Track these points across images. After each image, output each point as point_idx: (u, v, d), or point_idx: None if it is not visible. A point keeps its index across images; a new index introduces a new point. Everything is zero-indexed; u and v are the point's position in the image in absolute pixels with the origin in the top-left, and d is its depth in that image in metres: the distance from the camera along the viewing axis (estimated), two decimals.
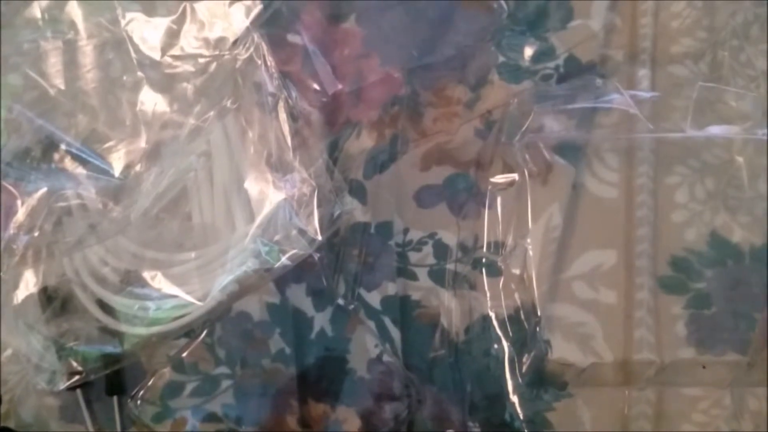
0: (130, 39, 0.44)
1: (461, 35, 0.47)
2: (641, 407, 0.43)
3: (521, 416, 0.42)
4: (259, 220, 0.41)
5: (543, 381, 0.43)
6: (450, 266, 0.45)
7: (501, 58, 0.47)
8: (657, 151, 0.45)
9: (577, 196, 0.45)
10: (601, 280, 0.44)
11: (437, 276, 0.45)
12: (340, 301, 0.44)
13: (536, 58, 0.47)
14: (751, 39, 0.47)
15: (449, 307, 0.45)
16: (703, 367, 0.42)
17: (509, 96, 0.46)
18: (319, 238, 0.41)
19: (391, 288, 0.45)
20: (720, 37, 0.47)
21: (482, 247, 0.45)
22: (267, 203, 0.41)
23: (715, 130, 0.43)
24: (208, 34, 0.43)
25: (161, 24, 0.44)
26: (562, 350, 0.43)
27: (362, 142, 0.47)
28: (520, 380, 0.43)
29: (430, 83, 0.47)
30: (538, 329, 0.43)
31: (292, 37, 0.47)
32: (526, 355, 0.43)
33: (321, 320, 0.45)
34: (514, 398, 0.43)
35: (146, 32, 0.44)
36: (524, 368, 0.43)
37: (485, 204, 0.45)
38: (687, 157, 0.45)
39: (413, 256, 0.46)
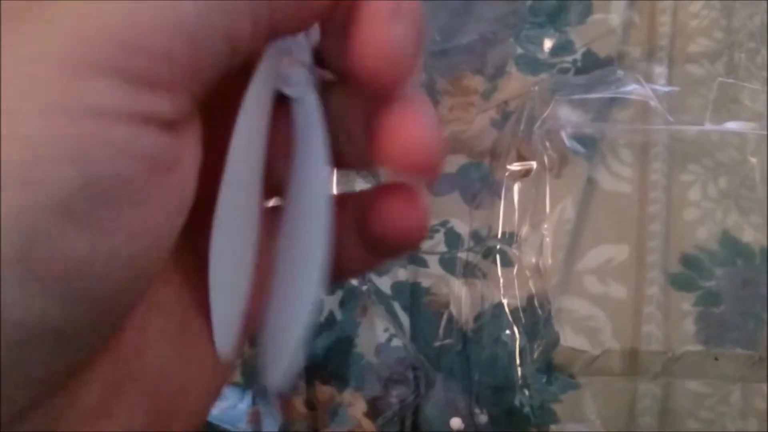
0: None
1: (482, 23, 0.48)
2: (647, 402, 0.43)
3: (530, 403, 0.42)
4: (272, 201, 0.41)
5: (553, 369, 0.43)
6: (462, 255, 0.45)
7: (519, 50, 0.48)
8: (671, 148, 0.46)
9: (591, 190, 0.45)
10: (611, 274, 0.44)
11: (448, 264, 0.45)
12: (353, 282, 0.44)
13: (554, 51, 0.47)
14: (767, 41, 0.47)
15: (459, 295, 0.45)
16: (716, 359, 0.42)
17: (526, 87, 0.46)
18: None
19: (402, 274, 0.45)
20: (737, 39, 0.47)
21: (496, 236, 0.45)
22: None
23: (733, 125, 0.43)
24: None
25: None
26: (571, 343, 0.43)
27: None
28: (530, 367, 0.43)
29: (448, 72, 0.47)
30: (552, 314, 0.43)
31: None
32: (537, 342, 0.43)
33: (330, 303, 0.45)
34: (524, 385, 0.43)
35: None
36: (535, 355, 0.43)
37: (499, 194, 0.45)
38: (701, 155, 0.45)
39: (425, 244, 0.46)
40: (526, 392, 0.43)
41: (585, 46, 0.47)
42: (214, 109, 0.18)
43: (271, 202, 0.22)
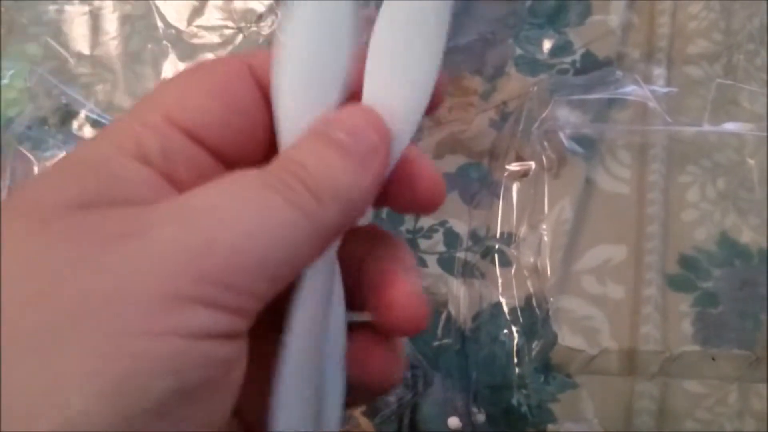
0: (157, 8, 0.44)
1: (481, 23, 0.48)
2: (645, 403, 0.43)
3: (528, 402, 0.42)
4: None
5: (550, 368, 0.43)
6: (460, 254, 0.45)
7: (518, 51, 0.48)
8: (670, 150, 0.46)
9: (589, 190, 0.45)
10: (609, 274, 0.44)
11: (446, 264, 0.45)
12: None
13: (553, 52, 0.48)
14: (766, 43, 0.47)
15: (457, 295, 0.45)
16: (713, 359, 0.42)
17: (525, 88, 0.47)
18: None
19: None
20: (736, 40, 0.47)
21: (494, 236, 0.45)
22: None
23: (731, 126, 0.44)
24: (235, 5, 0.43)
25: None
26: (569, 343, 0.43)
27: None
28: (528, 367, 0.43)
29: (447, 72, 0.48)
30: (550, 314, 0.43)
31: None
32: (535, 342, 0.43)
33: None
34: (522, 384, 0.43)
35: (173, 4, 0.44)
36: (533, 354, 0.43)
37: (498, 194, 0.46)
38: (699, 157, 0.46)
39: (423, 243, 0.46)
40: (524, 392, 0.43)
41: (584, 47, 0.47)
42: None
43: None
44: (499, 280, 0.44)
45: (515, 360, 0.43)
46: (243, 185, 0.19)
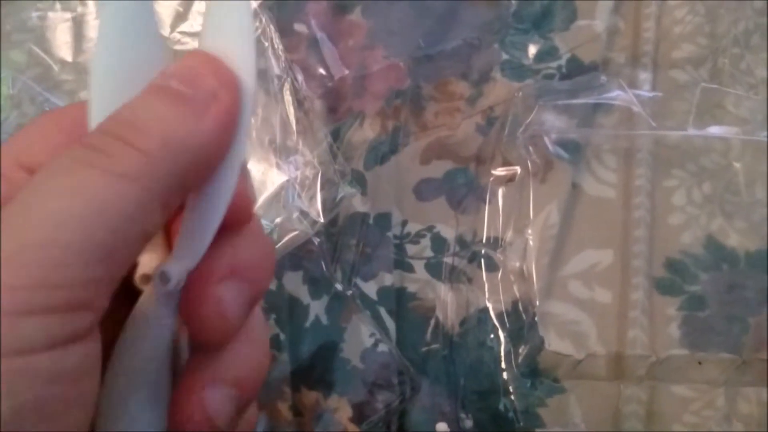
0: None
1: (467, 29, 0.48)
2: (633, 407, 0.43)
3: (515, 407, 0.42)
4: (261, 200, 0.41)
5: (538, 373, 0.43)
6: (447, 260, 0.45)
7: (504, 56, 0.48)
8: (656, 154, 0.46)
9: (576, 195, 0.45)
10: (596, 279, 0.44)
11: (434, 269, 0.45)
12: (338, 286, 0.44)
13: (539, 57, 0.48)
14: (751, 47, 0.47)
15: (445, 300, 0.45)
16: (699, 363, 0.42)
17: (511, 93, 0.47)
18: (322, 220, 0.41)
19: (388, 279, 0.45)
20: (721, 45, 0.47)
21: (481, 241, 0.45)
22: (269, 184, 0.41)
23: (716, 130, 0.44)
24: None
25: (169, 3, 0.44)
26: (556, 347, 0.43)
27: (364, 132, 0.47)
28: (515, 371, 0.43)
29: (433, 77, 0.48)
30: (536, 319, 0.43)
31: (298, 26, 0.47)
32: (522, 347, 0.43)
33: (316, 309, 0.45)
34: (509, 389, 0.43)
35: (156, 8, 0.44)
36: (520, 359, 0.43)
37: (485, 199, 0.46)
38: (685, 161, 0.46)
39: (411, 249, 0.46)
40: (512, 397, 0.43)
41: (570, 52, 0.47)
42: None
43: None
44: (486, 285, 0.44)
45: (502, 365, 0.43)
46: (54, 170, 0.17)
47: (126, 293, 0.21)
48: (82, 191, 0.17)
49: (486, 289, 0.44)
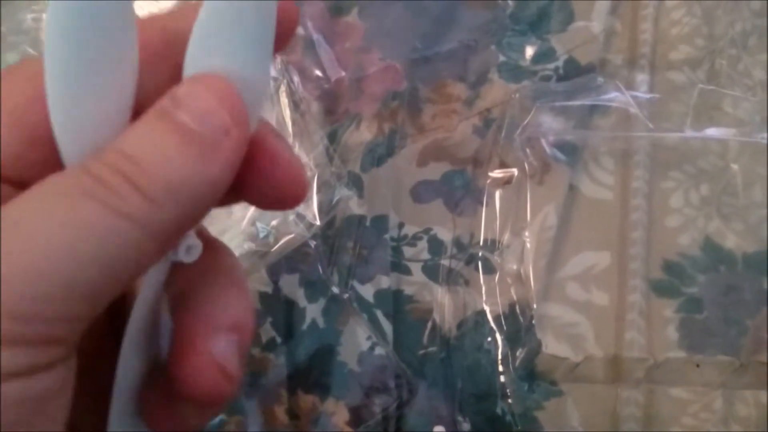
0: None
1: (464, 31, 0.48)
2: (630, 409, 0.43)
3: (513, 410, 0.42)
4: None
5: (535, 376, 0.43)
6: (444, 262, 0.45)
7: (501, 58, 0.48)
8: (653, 156, 0.46)
9: (573, 197, 0.45)
10: (594, 281, 0.44)
11: (431, 271, 0.45)
12: (335, 289, 0.44)
13: (536, 58, 0.48)
14: (749, 49, 0.47)
15: (442, 303, 0.44)
16: (697, 366, 0.42)
17: (508, 95, 0.46)
18: (318, 222, 0.41)
19: (385, 281, 0.45)
20: (718, 46, 0.47)
21: (478, 243, 0.45)
22: None
23: (713, 132, 0.44)
24: None
25: (167, 4, 0.44)
26: (554, 349, 0.43)
27: (361, 134, 0.47)
28: (512, 374, 0.43)
29: (430, 79, 0.48)
30: (533, 321, 0.43)
31: None
32: (519, 350, 0.43)
33: (313, 312, 0.44)
34: (507, 392, 0.43)
35: (152, 10, 0.44)
36: (517, 362, 0.43)
37: (482, 201, 0.45)
38: (683, 162, 0.46)
39: (408, 251, 0.46)
40: (509, 400, 0.42)
41: (567, 53, 0.47)
42: None
43: None
44: (483, 288, 0.44)
45: (500, 368, 0.43)
46: (50, 193, 0.16)
47: None
48: (79, 223, 0.16)
49: (483, 292, 0.44)
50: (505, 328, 0.43)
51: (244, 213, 0.41)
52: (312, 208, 0.41)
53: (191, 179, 0.17)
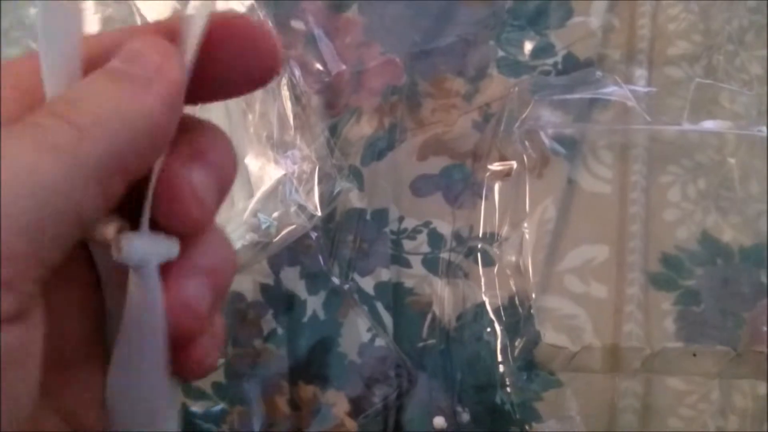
0: (138, 10, 0.44)
1: (462, 26, 0.48)
2: (628, 400, 0.43)
3: (512, 400, 0.43)
4: (258, 194, 0.41)
5: (534, 366, 0.43)
6: (444, 255, 0.46)
7: (500, 53, 0.48)
8: (651, 150, 0.46)
9: (572, 190, 0.46)
10: (592, 274, 0.45)
11: (431, 264, 0.45)
12: (336, 281, 0.44)
13: (535, 54, 0.48)
14: (745, 44, 0.48)
15: (442, 296, 0.45)
16: (694, 355, 0.43)
17: (507, 90, 0.47)
18: (319, 213, 0.41)
19: (385, 274, 0.45)
20: (715, 42, 0.48)
21: (477, 236, 0.45)
22: (267, 179, 0.41)
23: (711, 125, 0.44)
24: (217, 6, 0.43)
25: (167, 4, 0.44)
26: (552, 340, 0.43)
27: (361, 128, 0.47)
28: (512, 365, 0.43)
29: (430, 74, 0.48)
30: (532, 312, 0.43)
31: (295, 23, 0.48)
32: (518, 340, 0.43)
33: (314, 304, 0.45)
34: (506, 383, 0.43)
35: (154, 5, 0.44)
36: (516, 352, 0.43)
37: (481, 195, 0.46)
38: (680, 156, 0.46)
39: (407, 244, 0.46)
40: (508, 390, 0.43)
41: (565, 48, 0.48)
42: None
43: None
44: (482, 280, 0.44)
45: (499, 359, 0.43)
46: None
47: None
48: (8, 159, 0.16)
49: (482, 284, 0.44)
50: (504, 319, 0.44)
51: (246, 204, 0.42)
52: (313, 199, 0.41)
53: (123, 112, 0.18)
